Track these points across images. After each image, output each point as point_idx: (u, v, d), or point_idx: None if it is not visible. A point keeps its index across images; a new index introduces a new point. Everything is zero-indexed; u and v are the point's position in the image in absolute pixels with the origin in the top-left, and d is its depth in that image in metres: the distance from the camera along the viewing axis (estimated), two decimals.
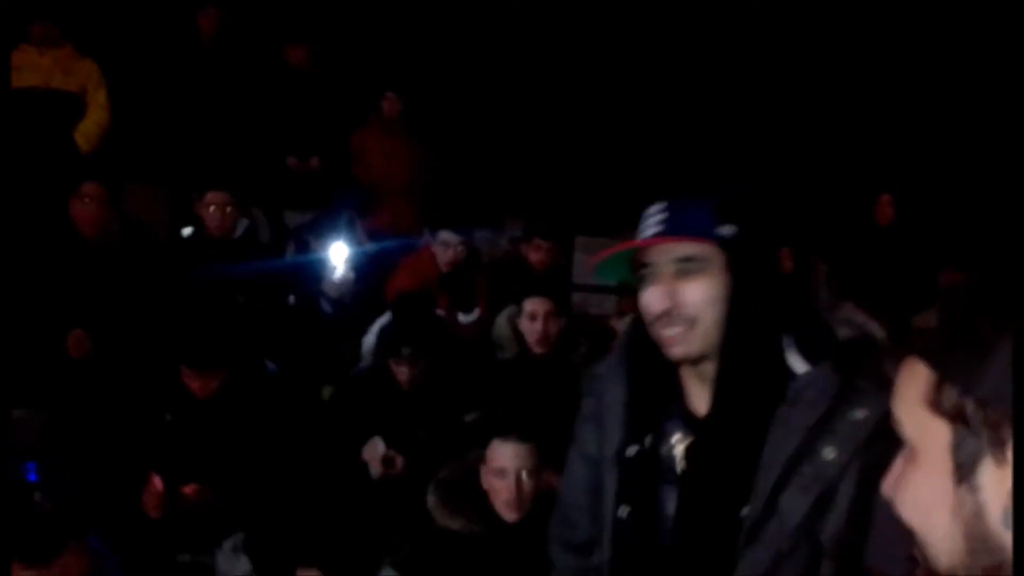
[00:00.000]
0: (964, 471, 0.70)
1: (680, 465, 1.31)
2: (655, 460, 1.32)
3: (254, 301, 3.69)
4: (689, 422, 1.33)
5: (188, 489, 2.89)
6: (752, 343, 1.25)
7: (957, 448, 0.70)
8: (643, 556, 1.32)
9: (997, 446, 0.68)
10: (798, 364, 1.26)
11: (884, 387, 1.17)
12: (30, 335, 3.29)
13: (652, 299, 1.28)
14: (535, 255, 4.28)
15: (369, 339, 3.45)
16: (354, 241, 4.16)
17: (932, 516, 0.72)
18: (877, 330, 1.29)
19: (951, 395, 0.70)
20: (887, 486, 0.79)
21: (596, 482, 1.40)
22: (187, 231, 3.97)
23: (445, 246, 4.13)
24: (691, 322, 1.26)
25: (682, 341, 1.27)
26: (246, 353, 3.15)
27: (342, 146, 5.27)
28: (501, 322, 3.69)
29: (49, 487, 2.13)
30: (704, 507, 1.28)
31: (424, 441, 3.08)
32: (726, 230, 1.26)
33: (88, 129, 4.49)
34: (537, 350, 3.21)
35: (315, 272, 3.89)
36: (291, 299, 3.94)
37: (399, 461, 2.95)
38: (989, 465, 0.69)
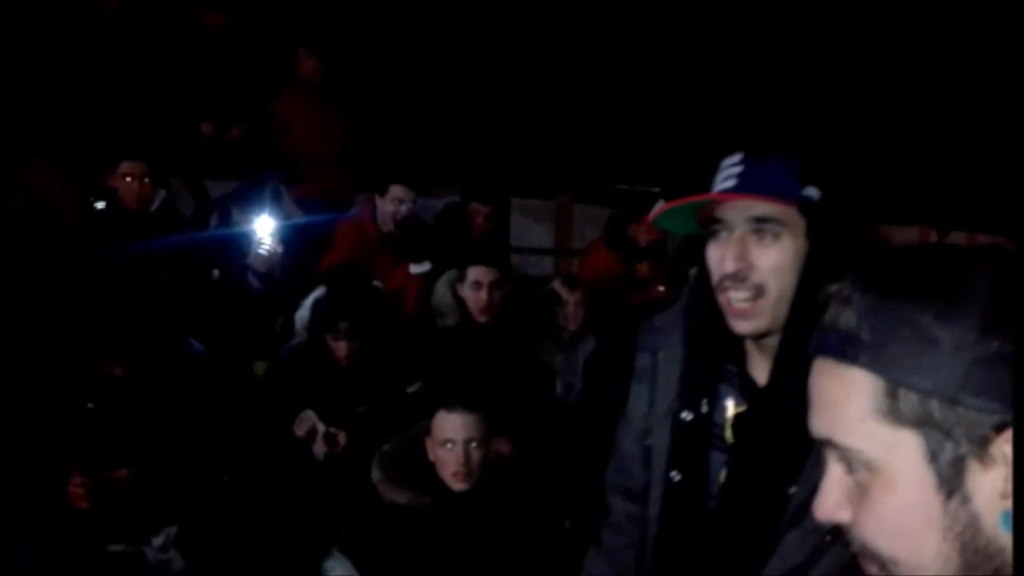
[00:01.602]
0: (949, 482, 0.62)
1: (729, 434, 1.26)
2: (709, 426, 1.27)
3: (176, 277, 3.50)
4: (745, 390, 1.26)
5: (117, 474, 2.75)
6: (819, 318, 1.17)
7: (934, 458, 0.62)
8: (690, 520, 1.29)
9: (978, 445, 0.61)
10: None
11: None
12: None
13: (722, 258, 1.17)
14: (474, 220, 4.21)
15: (303, 314, 3.31)
16: (281, 212, 3.99)
17: (921, 541, 0.63)
18: None
19: (909, 399, 0.62)
20: (827, 513, 0.68)
21: (648, 436, 1.35)
22: (100, 205, 3.74)
23: (397, 202, 4.03)
24: (760, 290, 1.17)
25: (750, 315, 1.18)
26: (169, 333, 2.99)
27: (264, 112, 5.05)
28: (441, 288, 3.61)
29: None
30: (750, 480, 1.23)
31: (365, 416, 2.99)
32: (809, 192, 1.15)
33: None
34: (480, 318, 3.15)
35: (241, 245, 3.71)
36: (216, 274, 3.75)
37: (341, 438, 2.85)
38: (975, 469, 0.61)
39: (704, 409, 1.26)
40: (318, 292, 3.28)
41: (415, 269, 3.88)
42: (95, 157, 3.93)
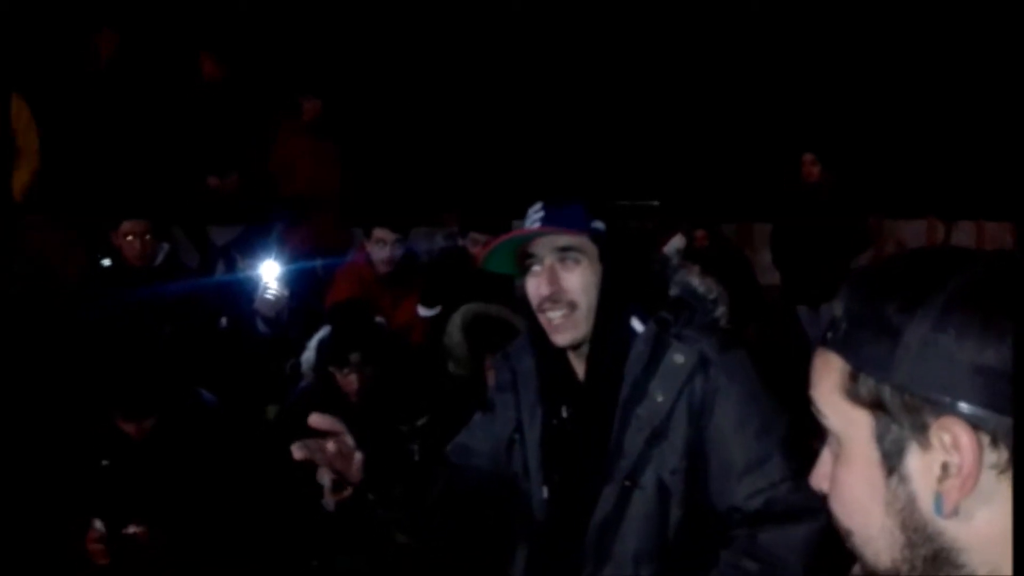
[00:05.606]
0: (891, 461, 0.68)
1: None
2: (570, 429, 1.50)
3: (183, 329, 3.53)
4: (570, 391, 1.52)
5: (132, 529, 2.77)
6: (617, 325, 1.44)
7: (881, 438, 0.68)
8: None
9: (919, 431, 0.66)
10: (638, 325, 1.46)
11: (704, 332, 1.46)
12: None
13: (538, 284, 1.44)
14: (474, 249, 4.17)
15: (308, 355, 3.31)
16: (285, 256, 4.02)
17: (868, 514, 0.69)
18: (704, 286, 1.51)
19: (867, 383, 0.68)
20: (817, 482, 0.76)
21: (507, 440, 1.57)
22: (106, 262, 3.78)
23: (380, 244, 4.00)
24: (572, 306, 1.43)
25: (567, 327, 1.44)
26: (179, 389, 3.01)
27: (263, 157, 5.11)
28: (453, 329, 3.54)
29: None
30: (584, 466, 1.47)
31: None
32: (598, 224, 1.45)
33: (23, 179, 4.18)
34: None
35: (247, 291, 3.73)
36: (223, 322, 3.78)
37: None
38: (915, 452, 0.67)
39: (565, 414, 1.50)
40: (322, 332, 3.30)
41: (424, 312, 3.82)
42: (97, 215, 3.98)
